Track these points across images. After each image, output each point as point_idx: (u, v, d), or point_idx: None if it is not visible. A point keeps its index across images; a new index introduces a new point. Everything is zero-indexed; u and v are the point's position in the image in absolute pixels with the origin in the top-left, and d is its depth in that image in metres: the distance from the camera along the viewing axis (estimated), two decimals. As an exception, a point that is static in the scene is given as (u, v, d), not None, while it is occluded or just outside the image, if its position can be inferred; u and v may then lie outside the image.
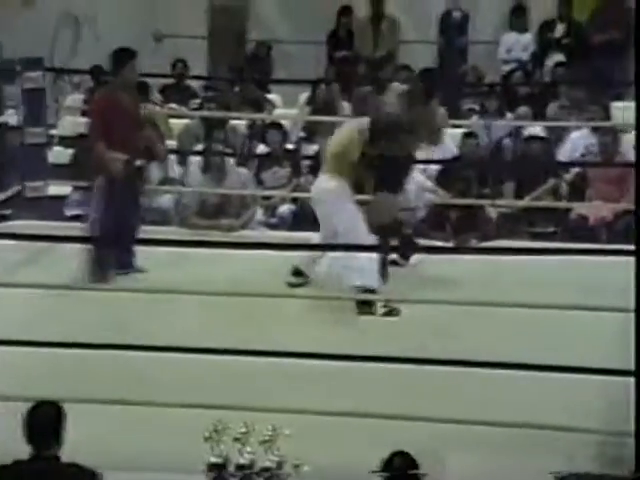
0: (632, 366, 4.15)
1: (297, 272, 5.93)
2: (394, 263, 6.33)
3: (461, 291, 5.86)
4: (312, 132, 8.35)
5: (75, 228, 6.93)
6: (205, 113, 8.44)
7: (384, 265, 5.99)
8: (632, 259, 4.36)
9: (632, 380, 4.12)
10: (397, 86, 6.48)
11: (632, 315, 4.35)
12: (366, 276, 5.62)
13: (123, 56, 6.11)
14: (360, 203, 5.88)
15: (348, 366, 4.57)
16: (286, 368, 4.64)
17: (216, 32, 10.00)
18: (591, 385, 4.43)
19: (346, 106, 8.83)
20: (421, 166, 7.19)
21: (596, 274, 5.71)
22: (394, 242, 6.30)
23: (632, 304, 4.55)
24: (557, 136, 8.28)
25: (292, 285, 5.87)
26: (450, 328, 5.32)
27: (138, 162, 6.07)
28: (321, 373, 4.67)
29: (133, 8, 10.20)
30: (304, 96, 9.13)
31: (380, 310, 5.66)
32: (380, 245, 5.93)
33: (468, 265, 6.06)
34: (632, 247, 4.16)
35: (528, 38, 9.72)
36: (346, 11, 9.98)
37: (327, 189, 5.83)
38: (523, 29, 9.76)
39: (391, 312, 5.65)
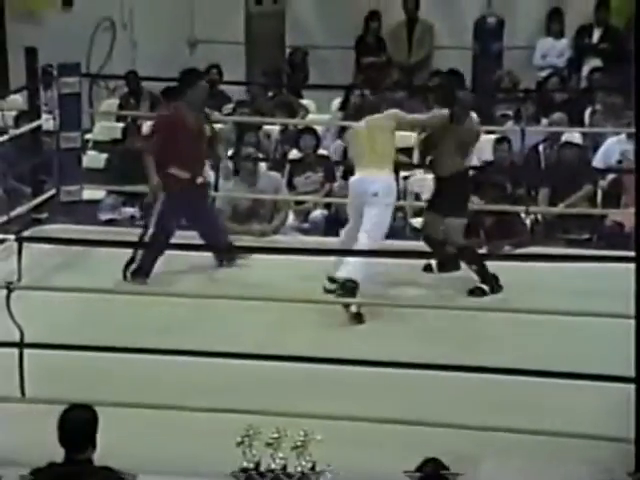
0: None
1: (333, 278, 5.91)
2: (428, 269, 6.33)
3: (492, 298, 5.83)
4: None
5: (109, 232, 7.01)
6: (237, 118, 8.46)
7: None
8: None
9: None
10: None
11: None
12: (351, 269, 5.56)
13: (192, 76, 6.27)
14: None
15: (382, 372, 4.55)
16: (318, 373, 4.63)
17: (253, 38, 10.03)
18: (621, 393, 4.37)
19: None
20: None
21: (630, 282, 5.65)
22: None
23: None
24: (593, 142, 8.22)
25: (328, 291, 5.85)
26: (481, 335, 5.29)
27: (200, 179, 6.20)
28: (356, 379, 4.66)
29: (169, 14, 10.26)
30: (337, 102, 9.14)
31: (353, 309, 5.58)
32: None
33: (502, 272, 6.03)
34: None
35: (564, 43, 9.66)
36: (374, 16, 9.98)
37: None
38: (559, 34, 9.70)
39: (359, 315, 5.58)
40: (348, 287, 5.56)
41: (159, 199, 6.16)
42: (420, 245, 6.35)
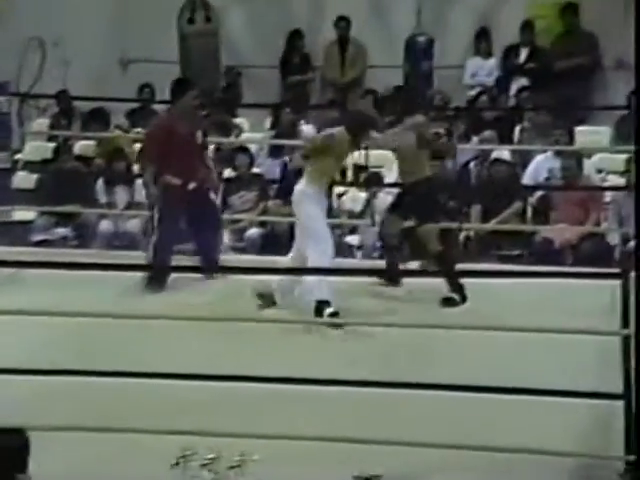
0: (605, 389, 4.20)
1: (261, 295, 5.95)
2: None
3: (429, 314, 5.89)
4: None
5: (41, 253, 6.92)
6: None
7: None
8: (597, 282, 4.41)
9: (598, 402, 4.17)
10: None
11: (600, 338, 4.40)
12: (316, 291, 5.66)
13: (182, 85, 6.45)
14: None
15: (321, 390, 4.55)
16: (257, 392, 4.63)
17: (187, 57, 10.02)
18: (561, 408, 4.44)
19: (307, 129, 8.92)
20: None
21: (562, 296, 5.77)
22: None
23: (599, 326, 4.62)
24: (522, 160, 8.37)
25: (263, 307, 5.88)
26: (422, 351, 5.33)
27: (192, 185, 6.29)
28: (296, 397, 4.66)
29: (101, 32, 10.20)
30: (269, 120, 9.18)
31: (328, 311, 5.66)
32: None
33: (434, 287, 6.09)
34: (596, 270, 4.19)
35: (492, 63, 9.82)
36: (296, 35, 10.04)
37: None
38: (487, 54, 9.86)
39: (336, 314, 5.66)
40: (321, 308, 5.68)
41: (156, 207, 6.33)
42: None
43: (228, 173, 8.32)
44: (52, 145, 8.70)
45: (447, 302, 6.13)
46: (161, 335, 5.40)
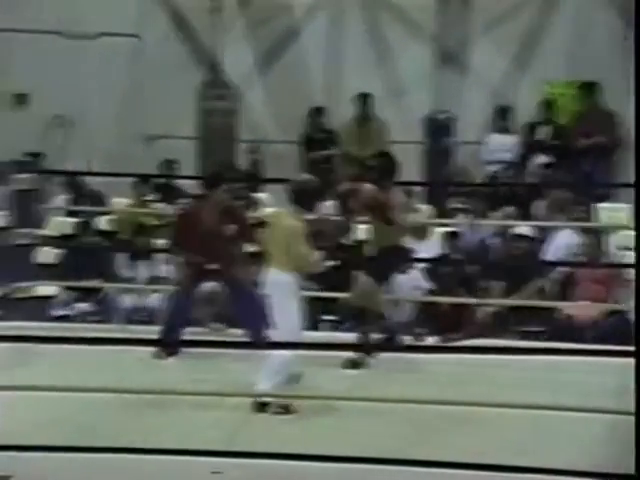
0: (623, 470, 4.12)
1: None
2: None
3: (441, 390, 5.82)
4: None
5: (61, 328, 6.94)
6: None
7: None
8: (620, 360, 4.36)
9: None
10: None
11: (619, 417, 4.34)
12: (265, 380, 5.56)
13: (216, 179, 6.84)
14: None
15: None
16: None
17: (204, 133, 10.14)
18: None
19: (328, 204, 8.97)
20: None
21: (583, 375, 5.70)
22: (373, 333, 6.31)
23: (622, 406, 4.55)
24: (543, 236, 8.36)
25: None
26: (429, 426, 5.27)
27: (214, 266, 6.65)
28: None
29: (123, 109, 10.36)
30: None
31: (273, 408, 5.50)
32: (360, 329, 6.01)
33: (453, 363, 6.04)
34: (620, 348, 4.15)
35: (512, 140, 9.89)
36: (319, 112, 10.16)
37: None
38: (507, 131, 9.93)
39: (287, 409, 5.50)
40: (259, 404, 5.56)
41: (178, 280, 6.80)
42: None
43: (250, 248, 8.34)
44: (73, 220, 8.77)
45: (353, 364, 6.10)
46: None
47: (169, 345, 6.49)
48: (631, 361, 4.12)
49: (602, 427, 4.84)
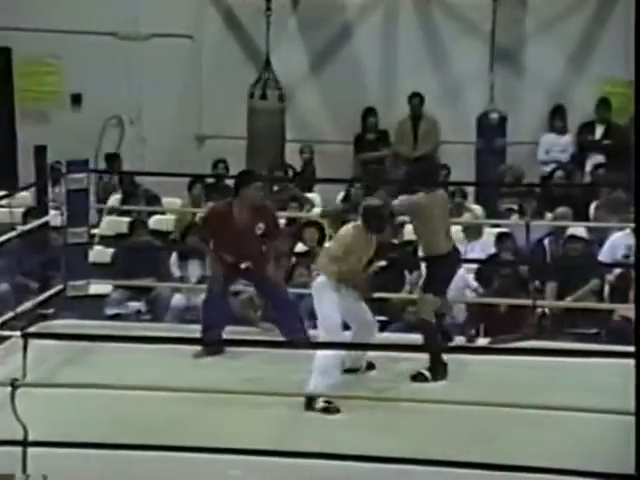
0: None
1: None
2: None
3: (497, 392, 5.75)
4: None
5: (115, 327, 6.99)
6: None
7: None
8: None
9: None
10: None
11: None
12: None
13: (247, 177, 6.69)
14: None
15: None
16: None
17: (254, 133, 10.18)
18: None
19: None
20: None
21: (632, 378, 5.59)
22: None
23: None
24: (598, 237, 8.25)
25: None
26: (485, 431, 5.21)
27: (244, 265, 6.58)
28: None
29: (177, 109, 10.42)
30: (341, 195, 9.23)
31: (320, 405, 5.50)
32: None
33: (507, 365, 5.96)
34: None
35: (567, 139, 9.78)
36: (370, 112, 10.14)
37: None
38: (562, 130, 9.82)
39: (328, 409, 5.49)
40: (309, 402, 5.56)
41: (210, 279, 6.76)
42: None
43: (299, 247, 8.34)
44: (127, 220, 8.84)
45: (416, 378, 5.98)
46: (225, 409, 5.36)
47: (209, 344, 6.44)
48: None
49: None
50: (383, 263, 7.51)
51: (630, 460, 4.05)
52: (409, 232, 8.93)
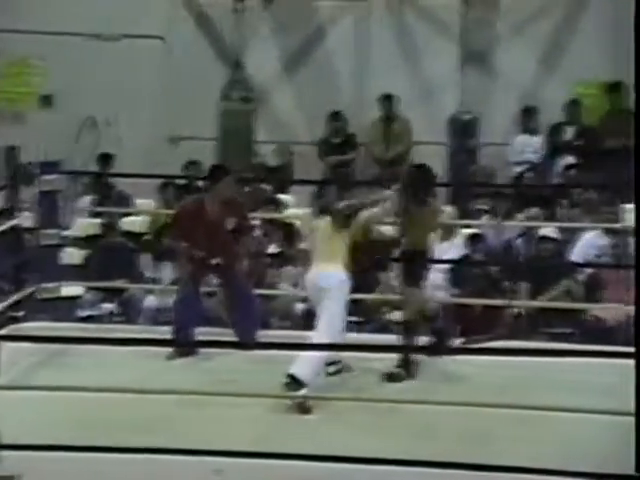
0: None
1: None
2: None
3: (472, 393, 5.77)
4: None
5: (87, 329, 6.95)
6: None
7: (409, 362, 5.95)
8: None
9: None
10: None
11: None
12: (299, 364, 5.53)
13: (219, 172, 6.58)
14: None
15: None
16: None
17: (224, 134, 10.16)
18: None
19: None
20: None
21: (612, 377, 5.64)
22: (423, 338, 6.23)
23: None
24: (569, 237, 8.30)
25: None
26: (461, 431, 5.22)
27: (215, 260, 6.49)
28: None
29: (152, 111, 10.38)
30: (313, 195, 9.22)
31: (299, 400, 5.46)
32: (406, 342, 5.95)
33: (480, 365, 5.98)
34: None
35: (538, 140, 9.83)
36: (336, 116, 10.12)
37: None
38: (533, 131, 9.88)
39: (303, 407, 5.44)
40: (291, 382, 5.54)
41: (180, 276, 6.68)
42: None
43: (273, 249, 8.34)
44: (99, 221, 8.79)
45: (391, 377, 5.95)
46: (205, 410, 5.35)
47: (183, 345, 6.38)
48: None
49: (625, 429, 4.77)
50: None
51: (615, 458, 4.06)
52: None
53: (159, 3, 10.50)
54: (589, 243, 8.04)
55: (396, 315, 6.60)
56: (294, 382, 5.53)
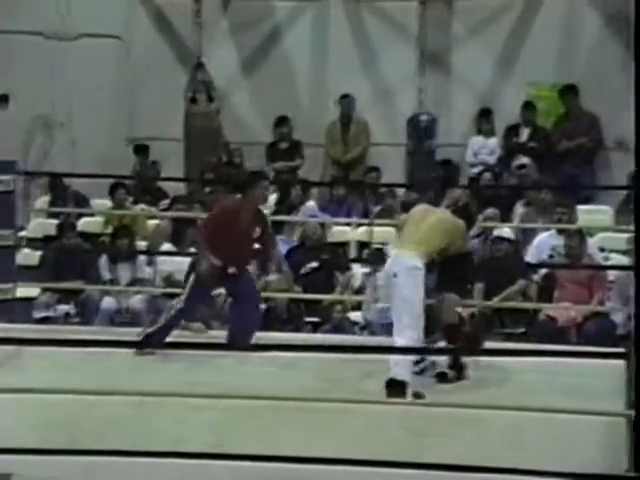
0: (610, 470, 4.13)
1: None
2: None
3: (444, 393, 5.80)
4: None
5: (43, 330, 6.91)
6: (174, 214, 8.51)
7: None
8: (609, 362, 4.33)
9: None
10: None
11: (600, 418, 4.34)
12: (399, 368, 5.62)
13: (255, 177, 6.54)
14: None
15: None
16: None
17: (189, 134, 10.14)
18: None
19: (310, 205, 9.00)
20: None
21: (565, 377, 5.71)
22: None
23: (602, 407, 4.56)
24: (524, 238, 8.39)
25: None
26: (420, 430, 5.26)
27: (232, 270, 6.42)
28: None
29: (108, 111, 10.33)
30: (274, 197, 9.24)
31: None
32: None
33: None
34: (601, 349, 4.17)
35: (494, 142, 9.92)
36: (283, 122, 10.09)
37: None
38: (489, 133, 9.96)
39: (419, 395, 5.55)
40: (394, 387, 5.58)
41: (191, 279, 6.47)
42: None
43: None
44: (55, 222, 8.74)
45: (441, 377, 6.05)
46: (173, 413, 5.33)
47: (150, 345, 6.32)
48: (619, 363, 4.13)
49: (596, 428, 4.83)
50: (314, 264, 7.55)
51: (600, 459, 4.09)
52: (339, 234, 9.03)
53: (116, 2, 10.45)
54: (543, 243, 8.13)
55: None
56: (397, 385, 5.55)
